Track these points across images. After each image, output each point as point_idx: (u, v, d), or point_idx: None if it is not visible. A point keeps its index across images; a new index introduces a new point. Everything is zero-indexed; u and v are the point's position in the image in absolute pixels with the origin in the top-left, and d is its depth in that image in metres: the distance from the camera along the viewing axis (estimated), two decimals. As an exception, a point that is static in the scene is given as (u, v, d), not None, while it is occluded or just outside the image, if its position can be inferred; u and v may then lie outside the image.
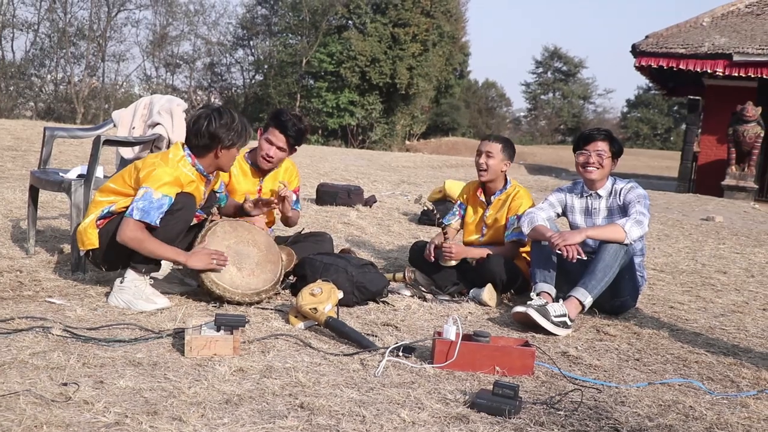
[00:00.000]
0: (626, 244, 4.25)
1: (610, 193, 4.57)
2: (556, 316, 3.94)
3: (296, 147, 4.75)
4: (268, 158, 4.67)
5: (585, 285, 4.16)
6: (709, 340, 4.12)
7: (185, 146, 4.03)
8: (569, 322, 4.02)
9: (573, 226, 4.66)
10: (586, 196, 4.62)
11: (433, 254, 4.82)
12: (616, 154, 4.55)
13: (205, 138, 3.95)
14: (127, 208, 3.87)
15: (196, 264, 3.89)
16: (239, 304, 4.01)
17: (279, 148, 4.65)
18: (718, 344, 4.03)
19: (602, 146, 4.50)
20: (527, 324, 3.99)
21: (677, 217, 10.55)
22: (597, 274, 4.17)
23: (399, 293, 4.64)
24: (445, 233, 4.82)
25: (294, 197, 4.82)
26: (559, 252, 4.20)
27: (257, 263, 4.14)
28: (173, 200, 3.85)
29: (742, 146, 16.91)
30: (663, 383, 3.30)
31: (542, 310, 3.94)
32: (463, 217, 5.12)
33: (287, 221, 4.83)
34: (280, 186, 4.59)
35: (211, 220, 4.24)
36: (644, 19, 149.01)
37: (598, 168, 4.49)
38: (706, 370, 3.55)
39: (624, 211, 4.45)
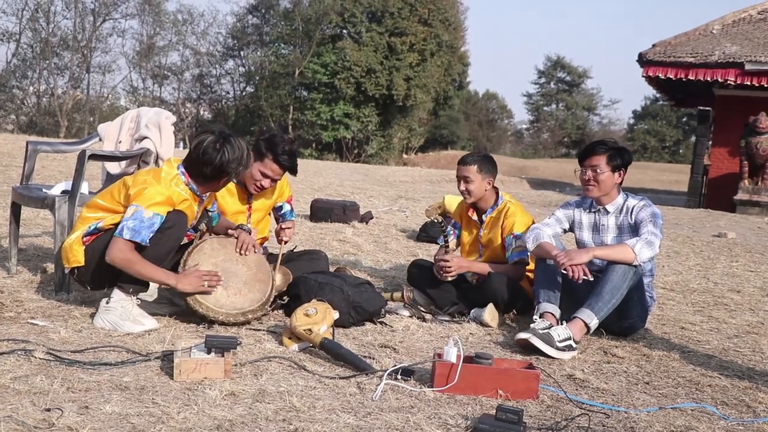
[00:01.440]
0: (635, 266, 4.14)
1: (621, 210, 4.43)
2: (560, 341, 3.84)
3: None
4: (259, 188, 4.57)
5: (591, 306, 4.05)
6: (722, 362, 4.04)
7: (179, 164, 3.93)
8: (574, 345, 3.92)
9: (580, 243, 4.55)
10: (594, 212, 4.50)
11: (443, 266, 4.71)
12: (618, 167, 4.38)
13: (213, 169, 3.87)
14: (115, 225, 3.80)
15: (187, 287, 3.82)
16: (224, 324, 3.93)
17: (273, 179, 4.56)
18: (732, 367, 3.95)
19: (597, 161, 4.34)
20: (531, 349, 3.88)
21: (687, 233, 10.44)
22: (604, 295, 4.06)
23: (397, 313, 4.57)
24: (446, 246, 4.71)
25: (288, 208, 4.85)
26: (565, 272, 4.08)
27: (245, 282, 4.05)
28: (164, 218, 3.76)
29: (755, 159, 16.65)
30: (674, 408, 3.23)
31: (546, 337, 3.83)
32: (458, 237, 5.04)
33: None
34: (284, 228, 4.63)
35: (200, 237, 4.14)
36: (651, 26, 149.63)
37: (594, 185, 4.36)
38: (720, 395, 3.47)
39: (635, 230, 4.33)
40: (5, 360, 3.16)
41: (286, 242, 4.62)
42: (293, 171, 4.59)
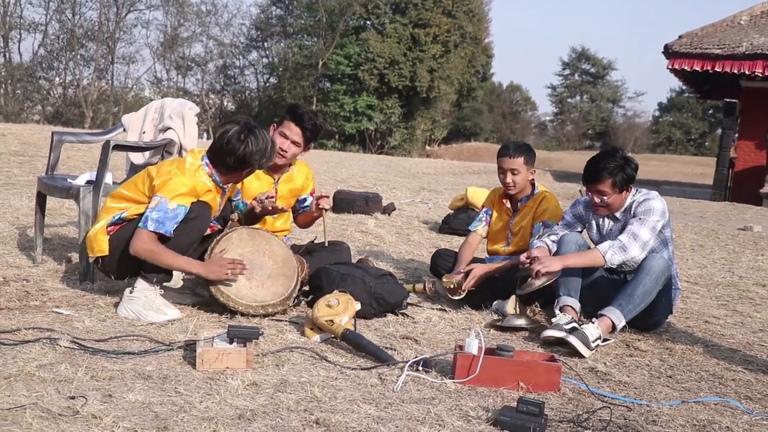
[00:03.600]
0: (668, 266, 4.10)
1: (627, 208, 4.33)
2: (593, 340, 3.79)
3: (310, 144, 4.66)
4: (281, 152, 4.56)
5: (622, 308, 4.00)
6: (746, 356, 3.99)
7: (203, 155, 3.94)
8: (602, 344, 3.90)
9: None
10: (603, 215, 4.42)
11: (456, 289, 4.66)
12: (624, 185, 4.21)
13: (236, 160, 3.88)
14: (139, 215, 3.82)
15: (210, 275, 3.83)
16: (244, 315, 3.93)
17: (294, 142, 4.56)
18: (756, 361, 3.90)
19: (603, 187, 4.18)
20: (554, 342, 3.86)
21: (712, 226, 10.32)
22: (635, 298, 4.02)
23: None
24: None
25: (311, 200, 4.85)
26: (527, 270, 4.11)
27: (269, 275, 4.05)
28: (188, 209, 3.78)
29: (783, 152, 16.48)
30: (697, 402, 3.20)
31: (584, 337, 3.75)
32: (489, 224, 4.97)
33: (304, 222, 4.85)
34: (321, 197, 4.62)
35: (230, 227, 4.14)
36: (678, 18, 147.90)
37: (603, 208, 4.29)
38: (744, 389, 3.43)
39: None
40: (31, 348, 3.18)
41: (326, 209, 4.62)
42: (314, 133, 4.59)
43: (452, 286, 4.56)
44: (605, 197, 4.21)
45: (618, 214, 4.34)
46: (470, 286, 4.55)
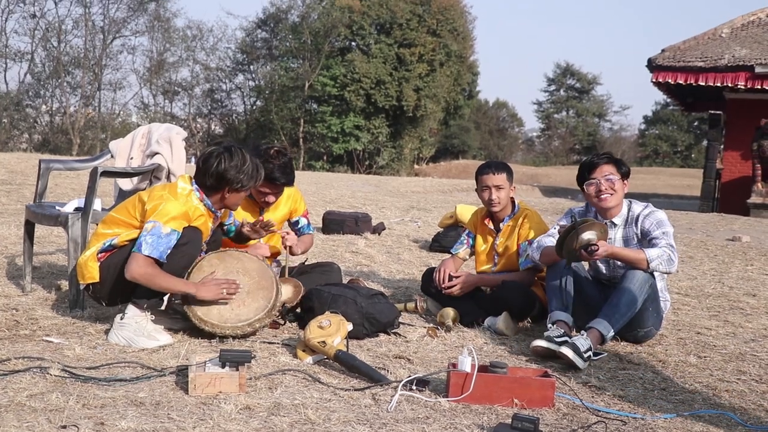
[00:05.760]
0: (651, 274, 4.12)
1: (627, 220, 4.38)
2: (584, 351, 3.79)
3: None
4: (267, 204, 4.63)
5: (608, 318, 4.02)
6: (740, 367, 3.99)
7: (193, 181, 3.94)
8: (593, 357, 3.89)
9: None
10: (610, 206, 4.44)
11: (441, 281, 4.71)
12: (625, 175, 4.38)
13: (213, 178, 3.89)
14: (129, 241, 3.83)
15: (206, 294, 3.83)
16: (234, 338, 3.91)
17: (275, 194, 4.59)
18: (750, 371, 3.90)
19: (609, 170, 4.31)
20: (547, 356, 3.86)
21: (701, 237, 10.35)
22: (621, 307, 4.03)
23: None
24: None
25: (305, 222, 4.90)
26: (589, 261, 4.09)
27: (248, 292, 4.03)
28: (180, 234, 3.78)
29: (768, 162, 16.53)
30: (692, 414, 3.19)
31: (575, 348, 3.75)
32: (472, 246, 4.99)
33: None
34: (283, 234, 4.62)
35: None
36: (660, 32, 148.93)
37: (612, 194, 4.31)
38: (738, 400, 3.43)
39: (642, 241, 4.29)
40: (21, 378, 3.16)
41: (291, 249, 4.63)
42: (289, 184, 4.60)
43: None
44: (613, 177, 4.28)
45: (617, 220, 4.37)
46: (458, 291, 4.67)
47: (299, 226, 4.90)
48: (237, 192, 3.96)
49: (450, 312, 4.50)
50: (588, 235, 3.97)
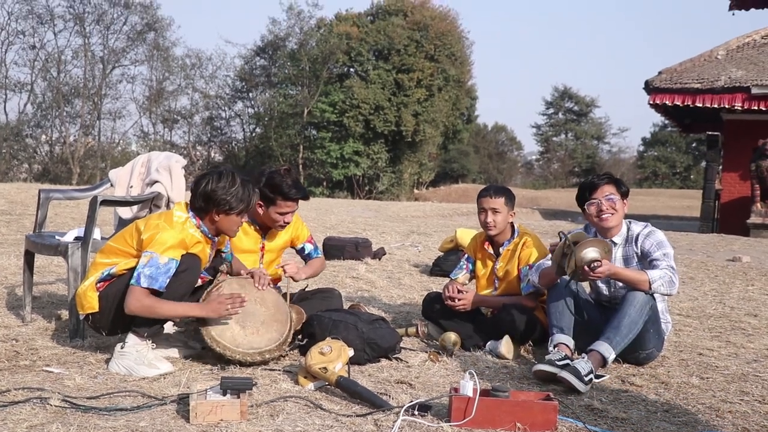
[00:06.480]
0: (652, 296, 4.12)
1: (626, 239, 4.41)
2: (586, 374, 3.77)
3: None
4: (285, 225, 4.64)
5: (610, 340, 4.01)
6: (742, 387, 3.97)
7: (189, 207, 3.94)
8: (595, 379, 3.88)
9: None
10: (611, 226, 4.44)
11: (451, 293, 4.72)
12: (624, 194, 4.41)
13: (201, 199, 3.90)
14: (128, 270, 3.82)
15: (210, 313, 3.82)
16: (241, 363, 3.90)
17: (292, 211, 4.61)
18: (752, 392, 3.88)
19: (609, 190, 4.35)
20: (549, 380, 3.84)
21: (701, 258, 10.34)
22: (622, 329, 4.03)
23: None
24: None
25: (311, 248, 4.96)
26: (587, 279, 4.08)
27: (263, 322, 4.03)
28: (179, 262, 3.77)
29: (767, 182, 16.53)
30: (696, 436, 3.16)
31: (576, 372, 3.73)
32: (471, 271, 5.00)
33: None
34: (280, 272, 4.66)
35: (219, 278, 4.13)
36: (657, 54, 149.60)
37: (612, 213, 4.34)
38: (741, 421, 3.41)
39: (642, 260, 4.30)
40: (21, 409, 3.14)
41: (293, 277, 4.64)
42: (306, 198, 4.63)
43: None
44: (614, 197, 4.30)
45: (617, 239, 4.38)
46: (467, 304, 4.67)
47: (306, 252, 4.91)
48: (226, 214, 3.93)
49: (451, 336, 4.49)
50: (592, 254, 3.99)
